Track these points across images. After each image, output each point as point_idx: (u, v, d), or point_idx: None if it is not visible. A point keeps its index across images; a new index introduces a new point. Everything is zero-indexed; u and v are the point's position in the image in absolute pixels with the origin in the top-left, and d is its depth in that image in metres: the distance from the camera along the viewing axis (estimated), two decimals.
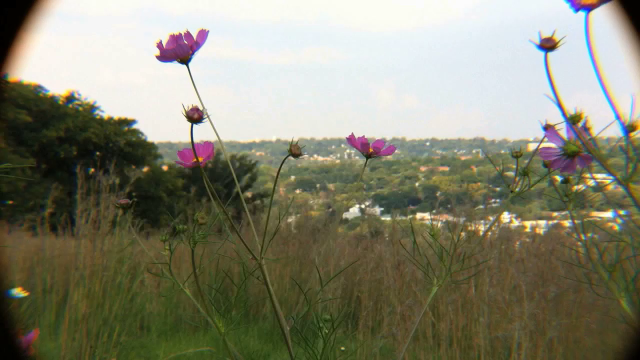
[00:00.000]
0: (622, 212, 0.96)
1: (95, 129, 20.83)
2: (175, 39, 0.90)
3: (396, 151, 1.07)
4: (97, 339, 3.82)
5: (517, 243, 4.75)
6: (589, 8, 0.77)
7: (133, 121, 23.00)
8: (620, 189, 0.83)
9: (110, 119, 22.51)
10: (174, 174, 21.77)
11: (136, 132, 22.75)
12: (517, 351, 3.29)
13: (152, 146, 23.13)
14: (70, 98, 22.00)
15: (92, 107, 22.42)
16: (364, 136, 1.03)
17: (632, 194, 0.77)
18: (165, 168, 22.61)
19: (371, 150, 1.02)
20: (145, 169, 21.24)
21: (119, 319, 3.96)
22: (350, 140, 1.04)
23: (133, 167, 20.97)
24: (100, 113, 22.52)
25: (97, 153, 20.52)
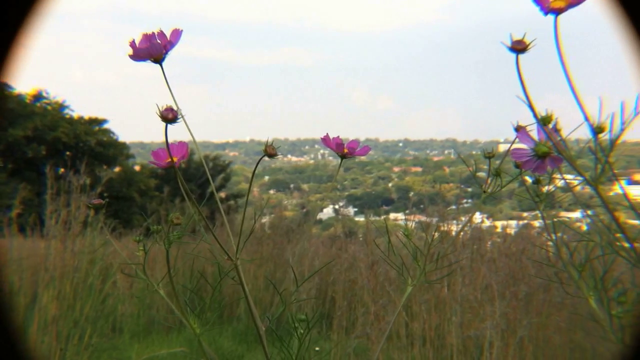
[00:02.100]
0: (589, 212, 0.99)
1: (64, 128, 20.46)
2: (148, 38, 0.89)
3: (370, 152, 1.08)
4: (67, 341, 3.76)
5: (489, 243, 4.81)
6: (557, 12, 0.79)
7: (104, 121, 22.68)
8: (587, 190, 0.85)
9: (81, 118, 22.14)
10: (146, 174, 21.51)
11: (107, 132, 22.43)
12: (488, 350, 3.33)
13: (124, 146, 22.84)
14: (38, 96, 21.56)
15: (62, 106, 22.02)
16: (338, 136, 1.04)
17: (601, 194, 0.79)
18: (137, 168, 22.32)
19: (346, 150, 1.03)
20: (117, 169, 20.95)
21: (90, 320, 3.90)
22: (325, 140, 1.04)
23: (105, 167, 20.66)
24: (70, 112, 22.16)
25: (67, 153, 20.15)
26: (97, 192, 4.49)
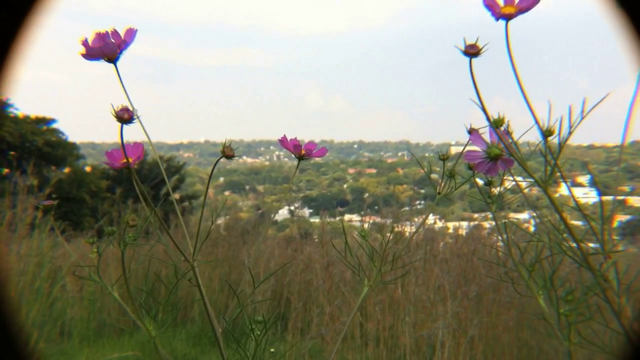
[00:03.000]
0: (536, 213, 1.02)
1: (9, 127, 19.72)
2: (101, 37, 0.87)
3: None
4: None
5: (441, 244, 4.90)
6: (507, 17, 0.81)
7: (52, 120, 22.00)
8: (535, 191, 0.87)
9: (27, 117, 21.41)
10: (97, 175, 20.98)
11: (56, 132, 21.78)
12: (440, 349, 3.39)
13: (73, 146, 22.22)
14: None
15: (5, 104, 21.20)
16: (295, 138, 1.04)
17: (550, 195, 0.82)
18: (88, 169, 21.75)
19: (303, 152, 1.03)
20: (66, 170, 20.37)
21: (36, 325, 3.77)
22: (283, 142, 1.05)
23: (53, 167, 20.07)
24: (14, 111, 21.39)
25: (12, 153, 19.47)
26: (45, 194, 4.37)
